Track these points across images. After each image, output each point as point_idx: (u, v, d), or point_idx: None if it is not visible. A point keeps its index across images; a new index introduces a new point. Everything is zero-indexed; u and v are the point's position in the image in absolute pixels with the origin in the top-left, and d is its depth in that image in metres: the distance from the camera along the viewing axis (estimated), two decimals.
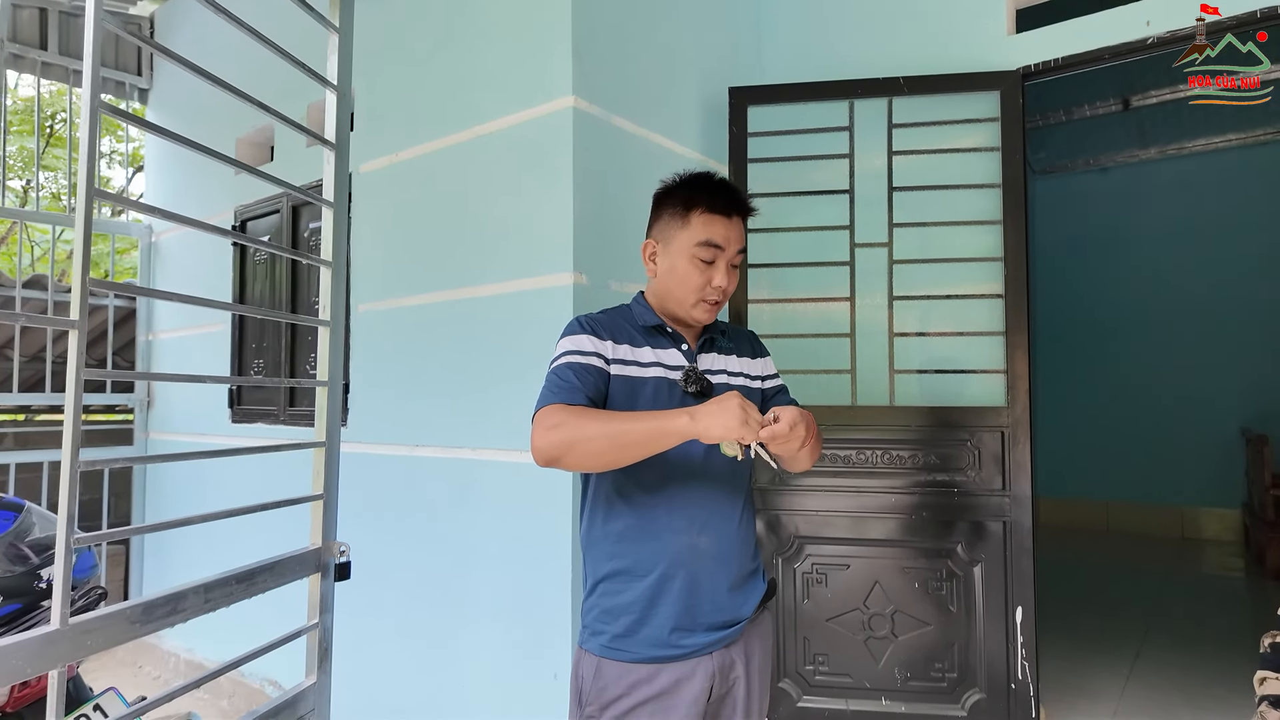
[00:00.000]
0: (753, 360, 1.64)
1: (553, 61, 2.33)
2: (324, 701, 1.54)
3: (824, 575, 2.62)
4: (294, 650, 1.52)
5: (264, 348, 3.46)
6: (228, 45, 3.64)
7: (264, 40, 1.38)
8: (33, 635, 0.96)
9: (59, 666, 1.00)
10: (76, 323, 1.03)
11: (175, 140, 1.21)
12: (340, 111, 1.60)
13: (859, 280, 2.68)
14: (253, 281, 3.56)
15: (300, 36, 1.90)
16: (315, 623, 1.52)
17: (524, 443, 2.34)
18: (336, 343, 1.56)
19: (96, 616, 1.05)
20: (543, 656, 2.25)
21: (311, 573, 1.50)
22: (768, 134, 2.75)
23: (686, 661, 1.39)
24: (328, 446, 1.53)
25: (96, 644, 1.05)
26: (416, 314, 2.73)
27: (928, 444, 2.59)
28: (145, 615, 1.12)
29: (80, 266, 1.03)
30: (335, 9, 1.62)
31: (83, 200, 1.03)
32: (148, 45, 1.17)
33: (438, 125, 2.67)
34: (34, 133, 9.11)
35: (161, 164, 4.34)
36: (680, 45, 2.78)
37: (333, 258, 1.57)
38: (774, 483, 2.66)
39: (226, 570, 1.28)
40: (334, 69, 1.61)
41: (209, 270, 3.81)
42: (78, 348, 1.03)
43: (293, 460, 2.96)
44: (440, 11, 2.72)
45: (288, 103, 3.23)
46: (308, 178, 3.16)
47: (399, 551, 2.70)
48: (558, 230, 2.30)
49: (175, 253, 4.13)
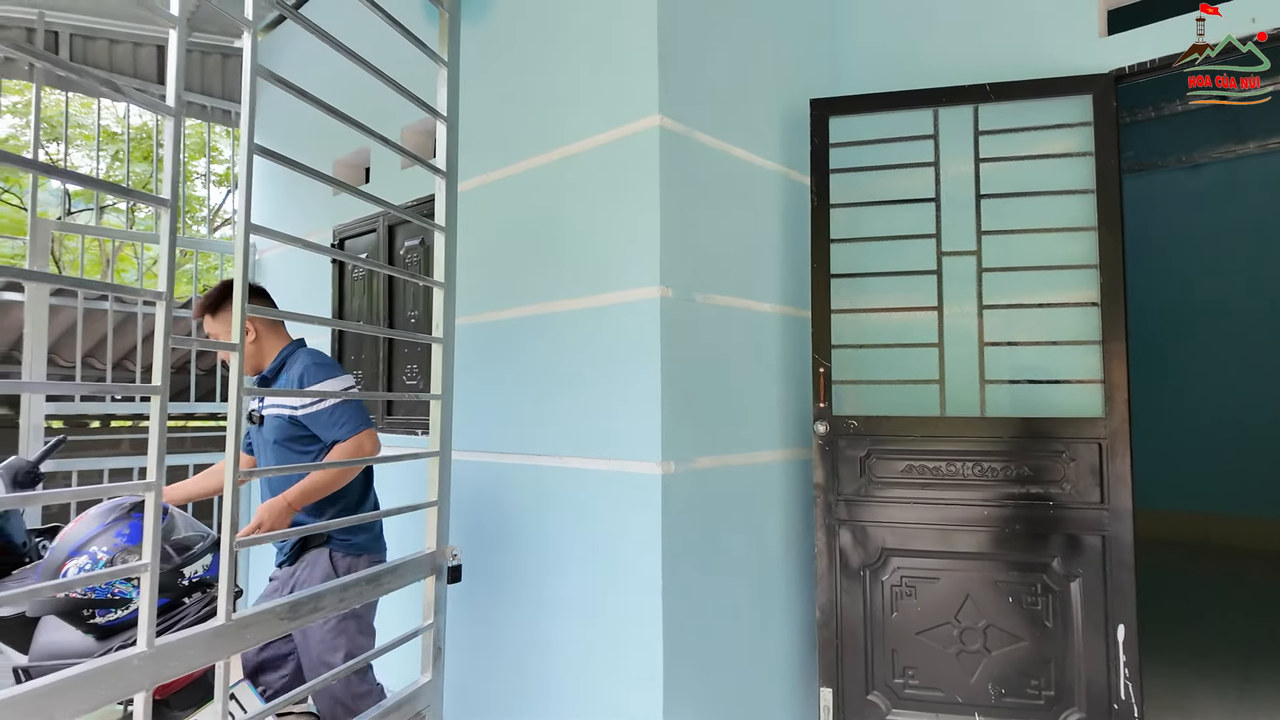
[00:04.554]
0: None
1: (639, 82, 2.40)
2: (437, 698, 1.63)
3: (913, 588, 2.60)
4: (397, 649, 1.62)
5: (362, 359, 3.64)
6: (325, 73, 3.86)
7: (378, 74, 1.49)
8: (204, 629, 1.07)
9: (224, 658, 1.10)
10: (237, 345, 1.14)
11: (308, 173, 1.32)
12: (450, 141, 1.71)
13: (946, 289, 2.65)
14: (351, 296, 3.75)
15: (395, 65, 2.02)
16: (430, 623, 1.61)
17: (608, 451, 2.42)
18: (448, 358, 1.66)
19: (253, 613, 1.16)
20: (632, 659, 2.30)
21: (427, 575, 1.60)
22: (850, 144, 2.76)
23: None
24: (441, 456, 1.62)
25: (254, 638, 1.15)
26: (504, 328, 2.83)
27: (1020, 455, 2.54)
28: (292, 612, 1.23)
29: (240, 296, 1.14)
30: (444, 45, 1.73)
31: (241, 233, 1.15)
32: (285, 88, 1.28)
33: (527, 146, 2.78)
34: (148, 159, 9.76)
35: (262, 184, 4.62)
36: (759, 59, 2.82)
37: (445, 278, 1.67)
38: (860, 494, 2.66)
39: (358, 572, 1.38)
40: (443, 100, 1.72)
41: (308, 285, 4.03)
42: (239, 368, 1.14)
43: (383, 465, 3.11)
44: (529, 35, 2.83)
45: (382, 126, 3.40)
46: (401, 198, 3.32)
47: (489, 554, 2.81)
48: (644, 245, 2.37)
49: (275, 269, 4.39)
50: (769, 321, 2.78)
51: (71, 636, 1.79)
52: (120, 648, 1.72)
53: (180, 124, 1.03)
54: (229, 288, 2.40)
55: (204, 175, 10.32)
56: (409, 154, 1.62)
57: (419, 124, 3.38)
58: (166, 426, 1.00)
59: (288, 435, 2.41)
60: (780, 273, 2.85)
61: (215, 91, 4.79)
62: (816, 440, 2.71)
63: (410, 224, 3.40)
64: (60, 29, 4.20)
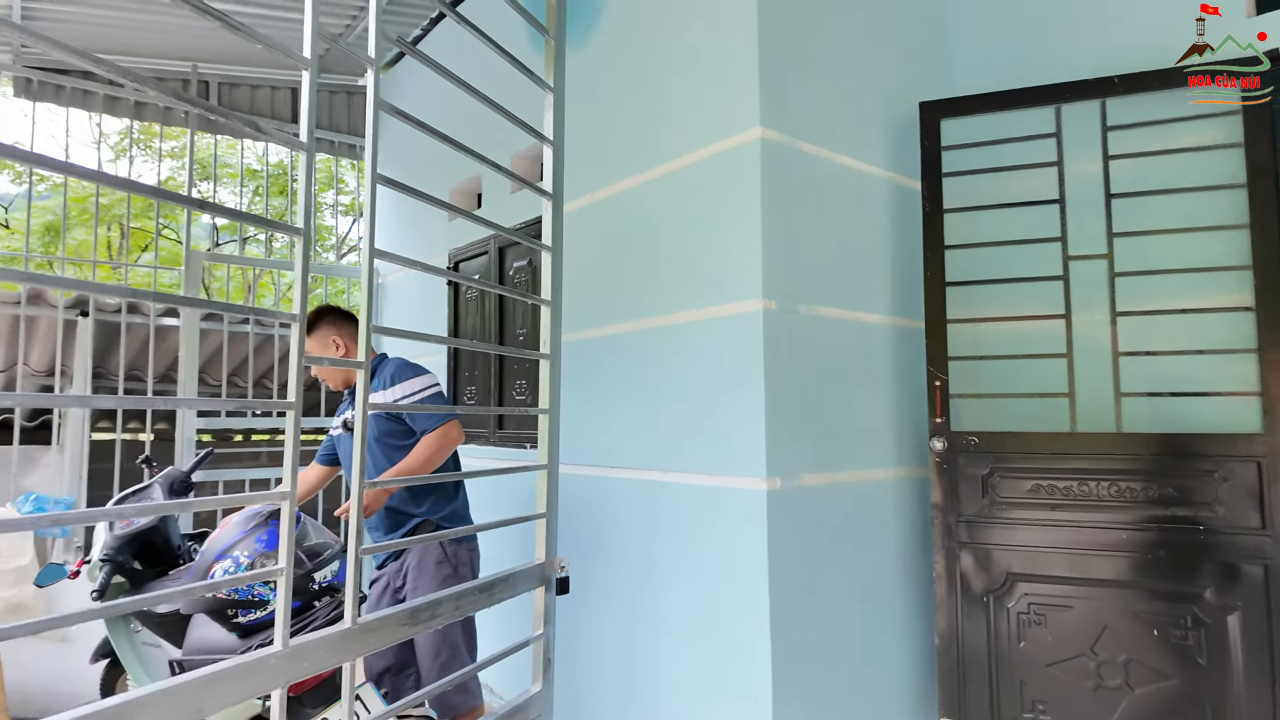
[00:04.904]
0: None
1: (741, 95, 2.39)
2: (548, 709, 1.66)
3: (1042, 616, 2.43)
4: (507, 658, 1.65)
5: (475, 375, 3.79)
6: (439, 106, 4.07)
7: (489, 102, 1.55)
8: (332, 632, 1.14)
9: (351, 660, 1.16)
10: (362, 363, 1.21)
11: (426, 199, 1.39)
12: (556, 163, 1.75)
13: (1073, 295, 2.48)
14: (465, 316, 3.92)
15: (504, 94, 2.10)
16: (540, 633, 1.64)
17: (713, 466, 2.40)
18: (556, 374, 1.70)
19: (375, 618, 1.22)
20: (739, 677, 2.26)
21: (537, 585, 1.63)
22: (963, 146, 2.64)
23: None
24: (549, 469, 1.66)
25: (376, 642, 1.21)
26: (608, 343, 2.88)
27: (1162, 475, 2.33)
28: (412, 618, 1.28)
29: (366, 317, 1.21)
30: (549, 71, 1.78)
31: (366, 258, 1.22)
32: (404, 120, 1.35)
33: (628, 165, 2.82)
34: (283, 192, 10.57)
35: (385, 214, 4.92)
36: (863, 65, 2.75)
37: (551, 296, 1.71)
38: (982, 514, 2.51)
39: (471, 581, 1.42)
40: (549, 125, 1.77)
41: (426, 307, 4.24)
42: (364, 385, 1.21)
43: (497, 478, 3.20)
44: (629, 58, 2.88)
45: (492, 154, 3.55)
46: (510, 221, 3.45)
47: (594, 567, 2.84)
48: (746, 258, 2.34)
49: (397, 292, 4.65)
50: (879, 333, 2.69)
51: (218, 634, 1.94)
52: (258, 646, 1.86)
53: (312, 158, 1.10)
54: (320, 312, 2.69)
55: (332, 206, 11.09)
56: (517, 178, 1.68)
57: (526, 150, 3.50)
58: (300, 440, 1.07)
59: (383, 431, 2.58)
60: (889, 282, 2.75)
61: (342, 128, 5.15)
62: (933, 457, 2.59)
63: (519, 246, 3.53)
64: (210, 79, 4.64)
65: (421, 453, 2.44)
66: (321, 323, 2.66)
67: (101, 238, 9.71)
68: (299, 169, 1.12)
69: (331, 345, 2.64)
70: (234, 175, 10.60)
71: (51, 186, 9.51)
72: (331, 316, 2.69)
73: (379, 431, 2.58)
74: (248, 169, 10.78)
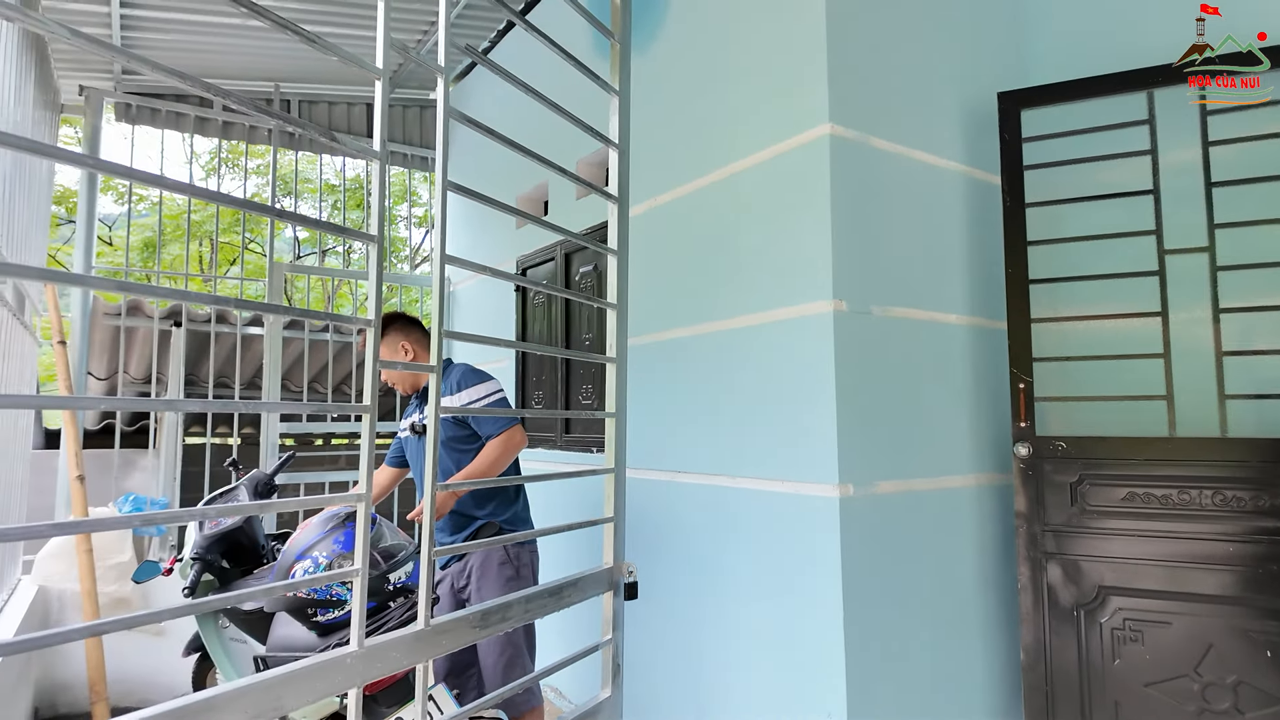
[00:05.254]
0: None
1: (808, 92, 2.34)
2: (617, 714, 1.64)
3: (1139, 632, 2.28)
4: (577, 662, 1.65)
5: (542, 380, 3.83)
6: (506, 116, 4.14)
7: (554, 106, 1.55)
8: (406, 633, 1.15)
9: (424, 661, 1.18)
10: (434, 367, 1.23)
11: (494, 205, 1.40)
12: (621, 166, 1.75)
13: (1170, 292, 2.33)
14: (532, 322, 3.97)
15: (569, 101, 2.10)
16: (609, 639, 1.63)
17: (783, 472, 2.35)
18: (622, 377, 1.69)
19: (448, 620, 1.22)
20: (813, 690, 2.20)
21: (605, 590, 1.62)
22: (1048, 137, 2.52)
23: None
24: (616, 473, 1.65)
25: (448, 644, 1.22)
26: (673, 347, 2.85)
27: (1274, 484, 2.16)
28: (482, 621, 1.29)
29: (438, 320, 1.23)
30: (614, 74, 1.78)
31: (438, 263, 1.23)
32: (473, 127, 1.36)
33: (695, 167, 2.80)
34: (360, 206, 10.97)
35: (455, 225, 5.03)
36: (936, 56, 2.66)
37: (618, 300, 1.70)
38: (1070, 524, 2.38)
39: (541, 585, 1.43)
40: (614, 128, 1.77)
41: (496, 314, 4.31)
42: (435, 386, 1.22)
43: (564, 481, 3.22)
44: (695, 60, 2.86)
45: (558, 161, 3.58)
46: (576, 227, 3.47)
47: (662, 573, 2.82)
48: (815, 258, 2.29)
49: (467, 299, 4.75)
50: (956, 334, 2.59)
51: (298, 632, 2.00)
52: (336, 644, 1.91)
53: (385, 166, 1.12)
54: (389, 318, 2.78)
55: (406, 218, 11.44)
56: (583, 181, 1.68)
57: (591, 156, 3.52)
58: (375, 442, 1.09)
59: (450, 435, 2.63)
60: (967, 281, 2.64)
61: (415, 141, 5.30)
62: (1017, 464, 2.47)
63: (584, 252, 3.55)
64: (290, 97, 4.85)
65: (488, 456, 2.48)
66: (391, 329, 2.73)
67: (193, 252, 10.26)
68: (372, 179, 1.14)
69: (401, 350, 2.70)
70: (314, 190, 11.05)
71: (149, 205, 10.12)
72: (400, 323, 2.76)
73: (445, 436, 2.63)
74: (326, 184, 11.23)
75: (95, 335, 4.45)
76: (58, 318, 3.73)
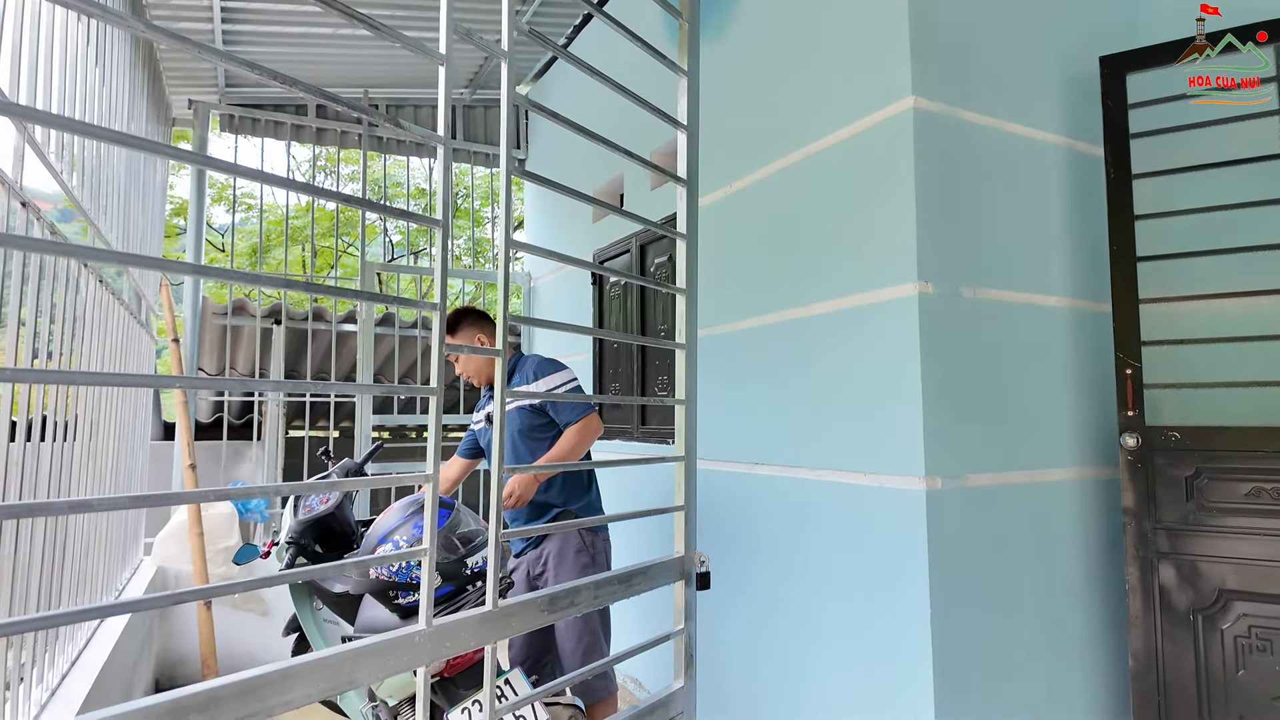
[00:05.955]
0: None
1: (890, 65, 2.24)
2: (691, 705, 1.61)
3: (1266, 642, 2.07)
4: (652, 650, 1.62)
5: (619, 372, 3.84)
6: (579, 113, 4.16)
7: (625, 92, 1.53)
8: (473, 614, 1.15)
9: (492, 641, 1.18)
10: (499, 351, 1.23)
11: (570, 194, 1.39)
12: (690, 150, 1.71)
13: None
14: (609, 313, 3.98)
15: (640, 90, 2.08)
16: (681, 628, 1.60)
17: (866, 464, 2.26)
18: (692, 364, 1.65)
19: (516, 602, 1.23)
20: (897, 689, 2.11)
21: (676, 579, 1.59)
22: (1153, 103, 2.32)
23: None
24: (687, 461, 1.61)
25: (516, 626, 1.22)
26: (750, 336, 2.79)
27: None
28: (551, 605, 1.28)
29: (503, 306, 1.23)
30: (684, 55, 1.74)
31: (503, 249, 1.23)
32: (546, 115, 1.36)
33: (770, 150, 2.73)
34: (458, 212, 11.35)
35: (535, 220, 5.11)
36: (1031, 20, 2.49)
37: (686, 285, 1.67)
38: (1186, 521, 2.19)
39: (611, 571, 1.41)
40: (683, 110, 1.73)
41: (573, 305, 4.35)
42: (502, 372, 1.22)
43: (639, 472, 3.20)
44: (768, 38, 2.79)
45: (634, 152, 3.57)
46: (650, 217, 3.45)
47: (740, 564, 2.76)
48: (899, 239, 2.19)
49: (546, 293, 4.81)
50: (1056, 317, 2.42)
51: (382, 613, 2.06)
52: None
53: (449, 150, 1.13)
54: (461, 313, 2.85)
55: (492, 219, 11.74)
56: (654, 166, 1.65)
57: (664, 147, 3.49)
58: (441, 422, 1.10)
59: (525, 424, 2.67)
60: (1068, 260, 2.47)
61: (495, 140, 5.41)
62: (1125, 456, 2.29)
63: (659, 243, 3.52)
64: (379, 101, 5.03)
65: (566, 443, 2.52)
66: (463, 322, 2.81)
67: (296, 257, 10.84)
68: (437, 164, 1.15)
69: (475, 342, 2.76)
70: (402, 194, 11.47)
71: (255, 214, 10.76)
72: (472, 316, 2.83)
73: (522, 425, 2.67)
74: (417, 188, 11.65)
75: (205, 334, 4.76)
76: (171, 317, 4.00)
